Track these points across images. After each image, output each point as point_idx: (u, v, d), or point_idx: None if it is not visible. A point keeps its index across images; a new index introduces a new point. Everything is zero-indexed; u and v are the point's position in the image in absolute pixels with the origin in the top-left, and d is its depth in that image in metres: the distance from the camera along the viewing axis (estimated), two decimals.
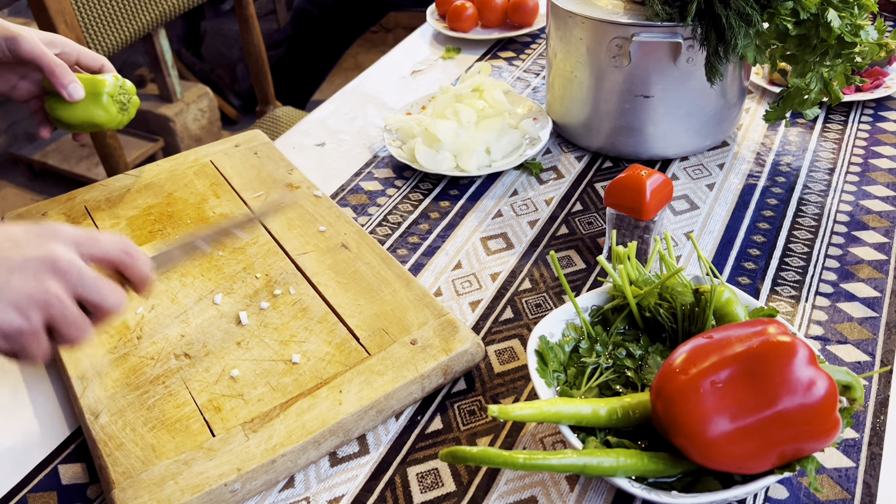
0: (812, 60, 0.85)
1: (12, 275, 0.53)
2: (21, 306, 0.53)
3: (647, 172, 0.74)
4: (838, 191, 0.90)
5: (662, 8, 0.85)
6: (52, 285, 0.54)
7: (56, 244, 0.55)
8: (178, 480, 0.58)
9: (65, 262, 0.54)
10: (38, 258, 0.54)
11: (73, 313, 0.55)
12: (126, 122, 0.87)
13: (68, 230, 0.57)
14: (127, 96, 0.86)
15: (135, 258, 0.59)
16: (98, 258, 0.58)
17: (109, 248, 0.58)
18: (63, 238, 0.56)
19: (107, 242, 0.58)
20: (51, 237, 0.55)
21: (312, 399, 0.64)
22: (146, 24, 1.52)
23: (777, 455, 0.52)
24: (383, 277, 0.76)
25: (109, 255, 0.58)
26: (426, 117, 1.01)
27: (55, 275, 0.54)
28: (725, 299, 0.63)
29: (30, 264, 0.53)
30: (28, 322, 0.53)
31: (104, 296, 0.56)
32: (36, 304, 0.53)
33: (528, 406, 0.55)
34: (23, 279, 0.53)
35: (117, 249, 0.59)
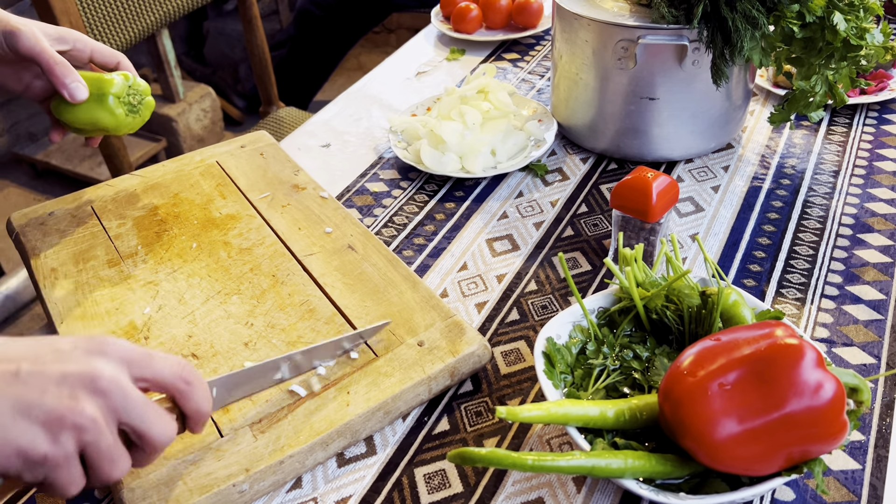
0: (817, 63, 0.85)
1: (46, 392, 0.45)
2: (50, 428, 0.45)
3: (653, 174, 0.74)
4: (843, 193, 0.90)
5: (668, 10, 0.85)
6: (88, 406, 0.46)
7: (102, 360, 0.48)
8: (186, 481, 0.58)
9: (107, 380, 0.47)
10: (78, 374, 0.46)
11: (108, 442, 0.47)
12: (138, 125, 0.82)
13: (122, 345, 0.49)
14: (138, 97, 0.81)
15: (193, 386, 0.52)
16: (150, 381, 0.50)
17: (165, 372, 0.50)
18: (112, 353, 0.49)
19: (162, 364, 0.51)
20: (98, 351, 0.48)
21: (320, 400, 0.64)
22: (150, 24, 1.52)
23: (784, 457, 0.52)
24: (390, 279, 0.76)
25: (164, 379, 0.50)
26: (431, 119, 1.01)
27: (94, 394, 0.46)
28: (732, 301, 0.63)
29: (68, 380, 0.46)
30: (56, 447, 0.45)
31: (150, 424, 0.49)
32: (68, 426, 0.45)
33: (535, 408, 0.56)
34: (57, 397, 0.45)
35: (173, 374, 0.51)
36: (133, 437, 0.49)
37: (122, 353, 0.49)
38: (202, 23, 3.10)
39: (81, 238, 0.84)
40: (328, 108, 1.17)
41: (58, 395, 0.45)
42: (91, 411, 0.46)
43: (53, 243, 0.83)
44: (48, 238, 0.84)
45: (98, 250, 0.82)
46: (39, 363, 0.46)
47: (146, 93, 0.82)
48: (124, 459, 0.48)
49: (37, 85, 0.82)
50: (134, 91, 0.81)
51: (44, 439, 0.45)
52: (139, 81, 0.82)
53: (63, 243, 0.83)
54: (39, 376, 0.46)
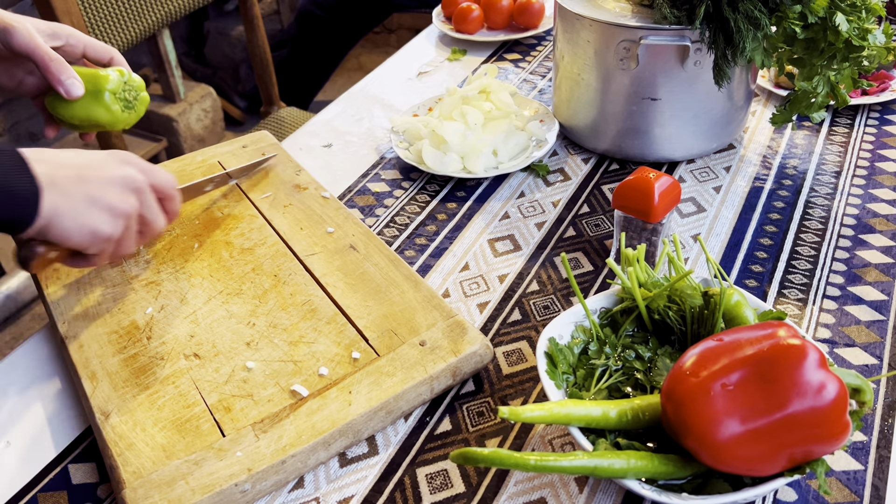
0: (819, 64, 0.85)
1: (105, 188, 0.63)
2: (114, 214, 0.64)
3: (655, 175, 0.74)
4: (845, 194, 0.90)
5: (671, 11, 0.85)
6: (133, 200, 0.65)
7: (132, 168, 0.66)
8: (188, 480, 0.58)
9: (141, 182, 0.66)
10: (122, 177, 0.65)
11: (135, 228, 0.67)
12: (133, 121, 0.82)
13: (136, 158, 0.68)
14: (133, 93, 0.81)
15: (175, 195, 0.71)
16: (154, 186, 0.68)
17: (165, 182, 0.69)
18: (135, 164, 0.67)
19: (163, 176, 0.69)
20: (127, 162, 0.67)
21: (322, 400, 0.64)
22: (151, 24, 1.52)
23: (787, 458, 0.52)
24: (391, 279, 0.76)
25: (164, 187, 0.69)
26: (433, 119, 1.01)
27: (134, 192, 0.66)
28: (735, 302, 0.63)
29: (117, 181, 0.64)
30: (117, 229, 0.64)
31: (157, 217, 0.69)
32: (123, 214, 0.64)
33: (538, 408, 0.56)
34: (114, 193, 0.64)
35: (168, 183, 0.70)
36: (140, 224, 0.68)
37: (139, 163, 0.68)
38: (203, 23, 3.10)
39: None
40: (330, 108, 1.17)
41: (113, 192, 0.64)
42: (134, 203, 0.66)
43: None
44: None
45: None
46: (92, 169, 0.64)
47: (141, 88, 0.82)
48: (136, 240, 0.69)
49: (29, 81, 0.81)
50: (129, 87, 0.81)
51: (109, 223, 0.64)
52: (134, 77, 0.82)
53: None
54: (96, 179, 0.63)
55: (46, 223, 0.60)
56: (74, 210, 0.61)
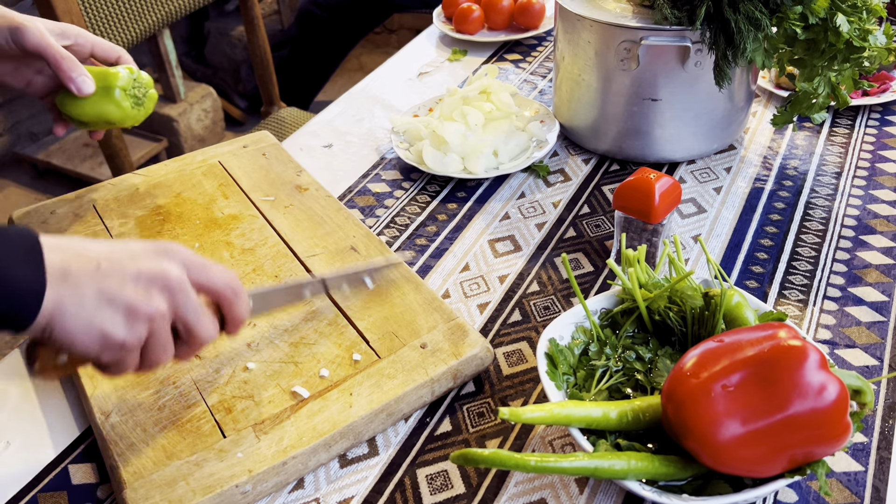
0: (820, 65, 0.85)
1: (125, 285, 0.52)
2: (128, 318, 0.52)
3: (655, 176, 0.74)
4: (845, 195, 0.90)
5: (671, 12, 0.85)
6: (160, 301, 0.53)
7: (170, 261, 0.55)
8: (189, 481, 0.58)
9: (175, 279, 0.54)
10: (151, 272, 0.53)
11: (167, 334, 0.55)
12: (142, 117, 0.83)
13: (183, 251, 0.56)
14: (143, 90, 0.82)
15: (238, 296, 0.58)
16: (205, 287, 0.57)
17: (218, 280, 0.57)
18: (176, 257, 0.55)
19: (216, 273, 0.57)
20: (165, 254, 0.55)
21: (323, 401, 0.64)
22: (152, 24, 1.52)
23: (787, 459, 0.52)
24: (392, 280, 0.76)
25: (216, 286, 0.57)
26: (434, 119, 1.01)
27: (163, 291, 0.54)
28: (735, 303, 0.63)
29: (142, 276, 0.53)
30: (132, 334, 0.53)
31: (201, 324, 0.56)
32: (144, 317, 0.53)
33: (538, 409, 0.56)
34: (135, 290, 0.52)
35: (224, 283, 0.57)
36: (182, 331, 0.56)
37: (184, 258, 0.56)
38: (203, 23, 3.10)
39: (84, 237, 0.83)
40: (330, 108, 1.17)
41: (135, 290, 0.52)
42: (161, 305, 0.53)
43: None
44: None
45: None
46: (117, 261, 0.53)
47: (149, 85, 0.82)
48: (171, 349, 0.56)
49: (38, 81, 0.82)
50: (138, 84, 0.81)
51: (123, 326, 0.52)
52: (142, 74, 0.82)
53: None
54: (118, 272, 0.52)
55: (48, 322, 0.50)
56: (81, 308, 0.51)
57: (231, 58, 2.99)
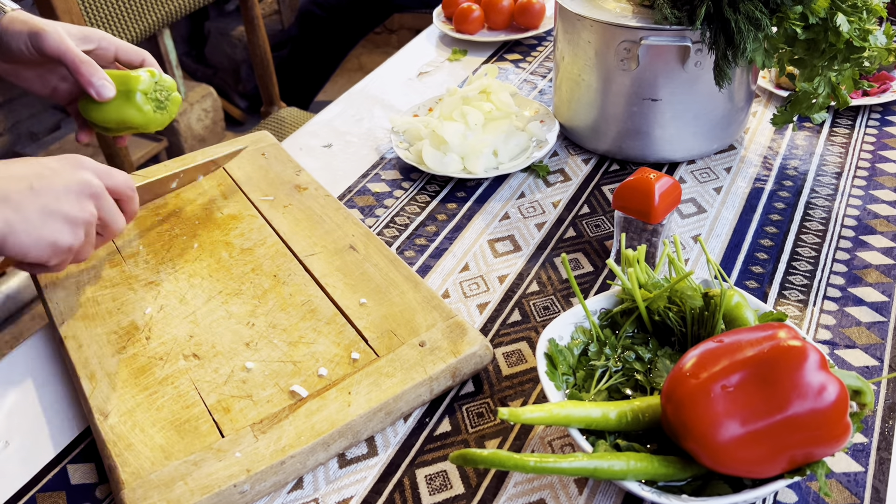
0: (820, 65, 0.85)
1: (60, 199, 0.61)
2: (70, 224, 0.62)
3: (655, 176, 0.74)
4: (846, 195, 0.90)
5: (671, 12, 0.85)
6: (90, 206, 0.64)
7: (87, 172, 0.65)
8: (187, 481, 0.58)
9: (96, 186, 0.64)
10: (77, 183, 0.63)
11: (94, 233, 0.66)
12: (166, 121, 0.82)
13: (89, 161, 0.66)
14: (165, 93, 0.81)
15: (134, 195, 0.70)
16: (111, 188, 0.67)
17: (121, 183, 0.68)
18: (90, 167, 0.65)
19: (118, 176, 0.68)
20: (81, 166, 0.65)
21: (321, 400, 0.64)
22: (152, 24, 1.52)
23: (787, 459, 0.52)
24: (391, 279, 0.76)
25: (120, 188, 0.68)
26: (433, 119, 1.01)
27: (91, 198, 0.64)
28: (735, 303, 0.63)
29: (71, 189, 0.62)
30: (77, 239, 0.63)
31: (117, 219, 0.68)
32: (82, 222, 0.63)
33: (537, 409, 0.55)
34: (69, 202, 0.62)
35: (126, 185, 0.69)
36: (100, 228, 0.68)
37: (94, 167, 0.66)
38: (203, 23, 3.10)
39: None
40: (330, 108, 1.17)
41: (69, 201, 0.62)
42: (92, 209, 0.64)
43: None
44: None
45: (99, 250, 0.82)
46: (45, 179, 0.62)
47: (172, 88, 0.82)
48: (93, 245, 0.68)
49: (62, 87, 0.82)
50: (160, 87, 0.81)
51: (69, 234, 0.63)
52: (165, 77, 0.82)
53: None
54: (50, 189, 0.61)
55: (1, 241, 0.59)
56: (29, 225, 0.60)
57: (231, 58, 2.99)
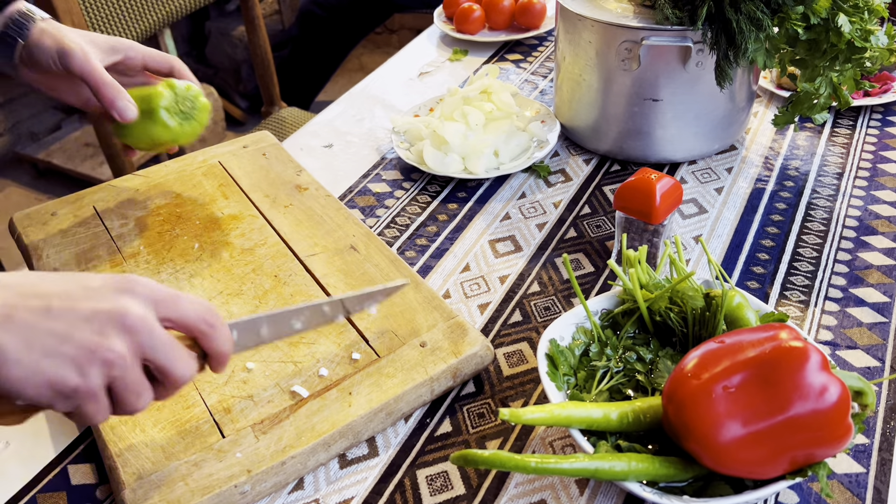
0: (822, 65, 0.85)
1: (76, 328, 0.47)
2: (81, 362, 0.47)
3: (656, 176, 0.74)
4: (847, 195, 0.90)
5: (672, 12, 0.85)
6: (116, 343, 0.48)
7: (131, 298, 0.50)
8: (188, 482, 0.58)
9: (136, 318, 0.49)
10: (108, 311, 0.48)
11: (134, 377, 0.49)
12: (198, 131, 0.80)
13: (149, 284, 0.51)
14: (189, 103, 0.79)
15: (216, 329, 0.53)
16: (175, 322, 0.52)
17: (190, 313, 0.52)
18: (141, 293, 0.50)
19: (188, 305, 0.52)
20: (127, 290, 0.50)
21: (322, 401, 0.64)
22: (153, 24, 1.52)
23: (789, 460, 0.52)
24: (392, 279, 0.75)
25: (188, 319, 0.52)
26: (434, 119, 1.01)
27: (123, 331, 0.48)
28: (736, 304, 0.63)
29: (97, 317, 0.48)
30: (85, 381, 0.48)
31: (174, 362, 0.51)
32: (97, 361, 0.48)
33: (539, 410, 0.55)
34: (87, 333, 0.48)
35: (198, 315, 0.52)
36: (156, 373, 0.51)
37: (149, 292, 0.51)
38: (204, 23, 3.10)
39: (84, 238, 0.84)
40: (331, 108, 1.16)
41: (88, 332, 0.47)
42: (119, 348, 0.48)
43: (56, 243, 0.83)
44: (51, 238, 0.84)
45: (100, 250, 0.82)
46: (70, 300, 0.48)
47: (197, 96, 0.80)
48: (147, 393, 0.51)
49: (94, 101, 0.81)
50: (183, 97, 0.79)
51: (74, 373, 0.47)
52: (190, 87, 0.80)
53: (65, 243, 0.83)
54: (70, 312, 0.47)
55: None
56: (26, 355, 0.46)
57: (232, 58, 2.99)
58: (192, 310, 0.52)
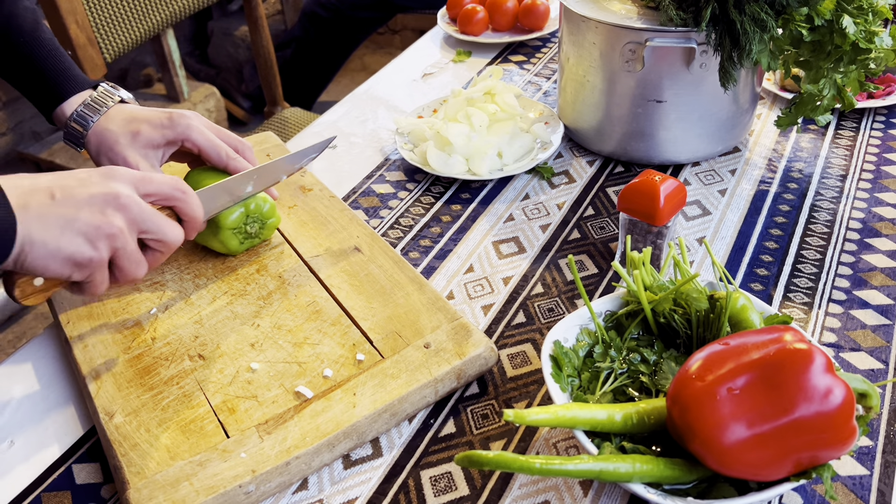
0: (826, 67, 0.85)
1: (81, 209, 0.56)
2: (91, 237, 0.57)
3: (660, 178, 0.74)
4: (850, 198, 0.90)
5: (676, 13, 0.85)
6: (116, 219, 0.58)
7: (117, 182, 0.59)
8: (192, 481, 0.58)
9: (126, 197, 0.59)
10: (102, 194, 0.58)
11: (132, 247, 0.60)
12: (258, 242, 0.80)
13: (125, 171, 0.61)
14: (257, 225, 0.78)
15: (187, 194, 0.64)
16: (155, 195, 0.62)
17: (164, 185, 0.62)
18: (122, 177, 0.60)
19: (161, 179, 0.62)
20: (111, 176, 0.59)
21: (326, 402, 0.64)
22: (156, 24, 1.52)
23: (793, 462, 0.52)
24: (396, 280, 0.76)
25: (163, 191, 0.62)
26: (438, 121, 1.01)
27: (118, 209, 0.58)
28: (741, 306, 0.63)
29: (95, 200, 0.57)
30: (98, 252, 0.57)
31: (163, 228, 0.61)
32: (104, 235, 0.57)
33: (543, 411, 0.55)
34: (90, 213, 0.57)
35: (171, 186, 0.63)
36: (151, 241, 0.62)
37: (128, 175, 0.60)
38: (207, 23, 3.10)
39: None
40: (334, 109, 1.17)
41: (91, 212, 0.57)
42: (118, 222, 0.58)
43: None
44: None
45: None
46: (68, 189, 0.57)
47: (269, 216, 0.78)
48: (143, 261, 0.62)
49: None
50: (253, 218, 0.77)
51: (87, 247, 0.57)
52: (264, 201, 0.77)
53: None
54: (72, 199, 0.57)
55: (20, 252, 0.55)
56: (47, 235, 0.55)
57: (234, 58, 2.99)
58: (165, 182, 0.62)
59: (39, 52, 0.80)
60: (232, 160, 0.77)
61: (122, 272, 0.61)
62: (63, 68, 0.80)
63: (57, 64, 0.80)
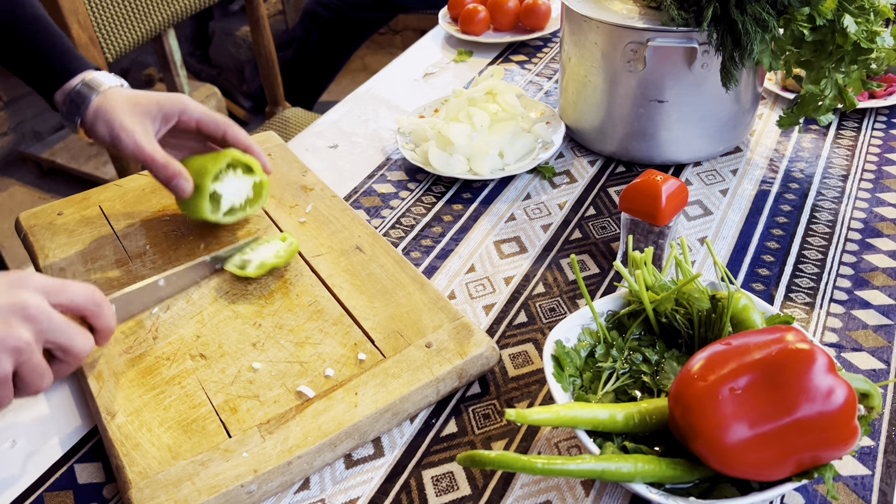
0: (827, 66, 0.85)
1: None
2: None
3: (662, 178, 0.74)
4: (852, 198, 0.90)
5: (678, 13, 0.85)
6: (22, 332, 0.54)
7: (26, 291, 0.56)
8: (194, 481, 0.58)
9: (34, 307, 0.55)
10: (9, 305, 0.54)
11: (38, 361, 0.56)
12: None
13: (38, 278, 0.58)
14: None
15: (101, 307, 0.61)
16: (66, 306, 0.59)
17: (78, 297, 0.59)
18: (33, 286, 0.57)
19: (75, 291, 0.59)
20: (20, 285, 0.56)
21: (328, 401, 0.64)
22: (157, 24, 1.52)
23: (795, 462, 0.52)
24: (398, 280, 0.76)
25: (77, 303, 0.59)
26: (439, 120, 1.01)
27: (25, 321, 0.55)
28: (742, 306, 0.63)
29: (1, 311, 0.54)
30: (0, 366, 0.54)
31: (73, 339, 0.58)
32: (8, 349, 0.54)
33: (545, 410, 0.55)
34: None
35: (85, 297, 0.60)
36: (58, 352, 0.58)
37: (40, 284, 0.58)
38: (208, 23, 3.10)
39: (90, 238, 0.84)
40: (336, 108, 1.17)
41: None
42: (25, 335, 0.55)
43: (62, 243, 0.83)
44: (56, 238, 0.84)
45: (106, 250, 0.82)
46: None
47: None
48: (48, 373, 0.58)
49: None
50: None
51: None
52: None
53: (71, 243, 0.83)
54: None
55: None
56: None
57: (235, 58, 3.00)
58: (80, 293, 0.60)
59: (48, 31, 0.81)
60: (230, 127, 0.79)
61: (25, 385, 0.57)
62: (67, 48, 0.81)
63: (62, 43, 0.81)
